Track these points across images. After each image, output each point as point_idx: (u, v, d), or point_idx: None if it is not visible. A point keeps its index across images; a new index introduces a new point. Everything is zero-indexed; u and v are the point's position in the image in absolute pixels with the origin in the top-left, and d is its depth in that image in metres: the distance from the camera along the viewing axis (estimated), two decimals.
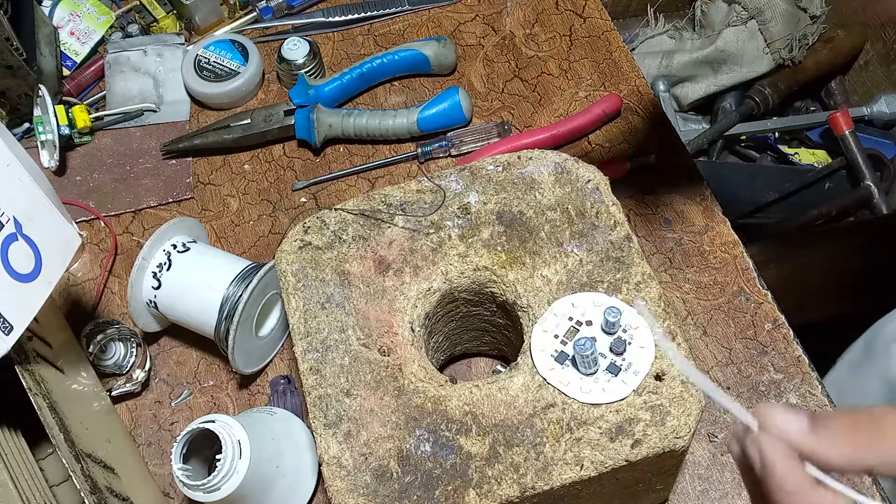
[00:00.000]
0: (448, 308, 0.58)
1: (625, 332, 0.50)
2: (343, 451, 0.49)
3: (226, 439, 0.54)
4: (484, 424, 0.49)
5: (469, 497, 0.47)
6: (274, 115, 0.80)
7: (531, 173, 0.58)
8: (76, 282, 0.75)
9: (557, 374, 0.50)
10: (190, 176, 0.80)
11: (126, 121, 0.84)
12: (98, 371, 0.67)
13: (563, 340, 0.51)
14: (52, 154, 0.79)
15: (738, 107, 1.24)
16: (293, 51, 0.83)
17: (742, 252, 0.72)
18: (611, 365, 0.50)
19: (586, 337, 0.50)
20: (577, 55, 0.85)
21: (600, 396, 0.49)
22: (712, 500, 0.61)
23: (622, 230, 0.55)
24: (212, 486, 0.53)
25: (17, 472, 0.53)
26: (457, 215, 0.57)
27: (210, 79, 0.82)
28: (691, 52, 1.26)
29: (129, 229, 0.78)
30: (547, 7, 0.89)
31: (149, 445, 0.67)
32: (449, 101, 0.78)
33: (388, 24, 0.89)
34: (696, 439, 0.63)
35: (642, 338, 0.50)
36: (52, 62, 0.83)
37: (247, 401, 0.68)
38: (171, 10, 0.89)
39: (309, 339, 0.53)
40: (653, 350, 0.50)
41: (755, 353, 0.67)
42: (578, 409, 0.49)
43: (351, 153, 0.81)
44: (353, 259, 0.56)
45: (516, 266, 0.55)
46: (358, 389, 0.51)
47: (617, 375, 0.49)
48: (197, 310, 0.64)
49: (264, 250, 0.76)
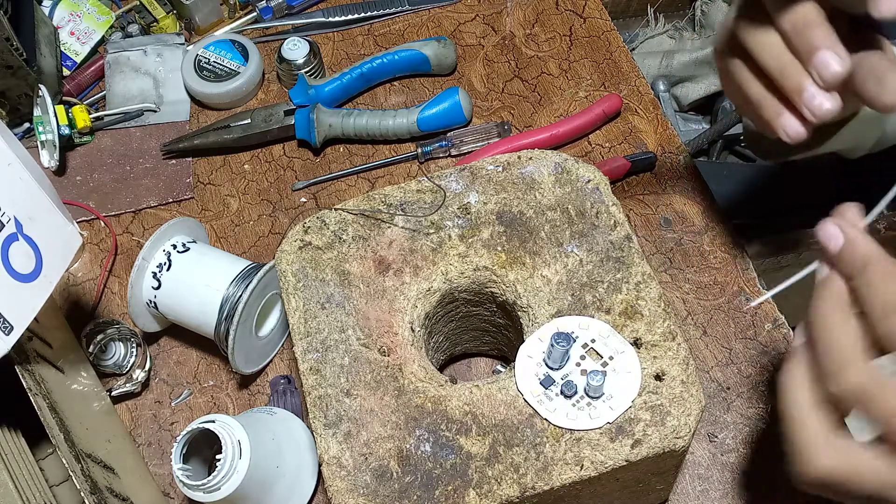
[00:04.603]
0: (448, 308, 0.58)
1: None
2: (343, 451, 0.49)
3: (226, 439, 0.54)
4: (484, 424, 0.49)
5: (469, 497, 0.47)
6: (274, 115, 0.80)
7: (531, 173, 0.58)
8: (76, 282, 0.75)
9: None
10: (190, 176, 0.80)
11: (126, 121, 0.84)
12: (98, 371, 0.67)
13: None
14: (52, 154, 0.79)
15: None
16: (293, 51, 0.83)
17: (742, 252, 0.72)
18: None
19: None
20: (577, 55, 0.85)
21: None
22: (712, 500, 0.61)
23: (622, 230, 0.55)
24: (212, 486, 0.53)
25: (17, 472, 0.53)
26: (457, 215, 0.57)
27: (210, 79, 0.82)
28: (691, 52, 1.26)
29: (129, 229, 0.78)
30: (547, 7, 0.89)
31: (149, 445, 0.67)
32: (449, 101, 0.78)
33: (388, 24, 0.89)
34: (696, 439, 0.63)
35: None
36: (52, 62, 0.83)
37: (247, 401, 0.68)
38: (171, 10, 0.89)
39: (309, 339, 0.53)
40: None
41: (755, 353, 0.67)
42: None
43: (351, 153, 0.81)
44: (353, 259, 0.56)
45: (516, 266, 0.55)
46: (358, 389, 0.51)
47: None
48: (197, 310, 0.64)
49: (264, 250, 0.76)
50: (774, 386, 0.65)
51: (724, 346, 0.68)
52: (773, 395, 0.65)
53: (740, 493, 0.61)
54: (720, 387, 0.66)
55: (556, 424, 0.49)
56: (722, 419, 0.64)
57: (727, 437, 0.63)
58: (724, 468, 0.62)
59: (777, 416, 0.64)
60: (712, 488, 0.62)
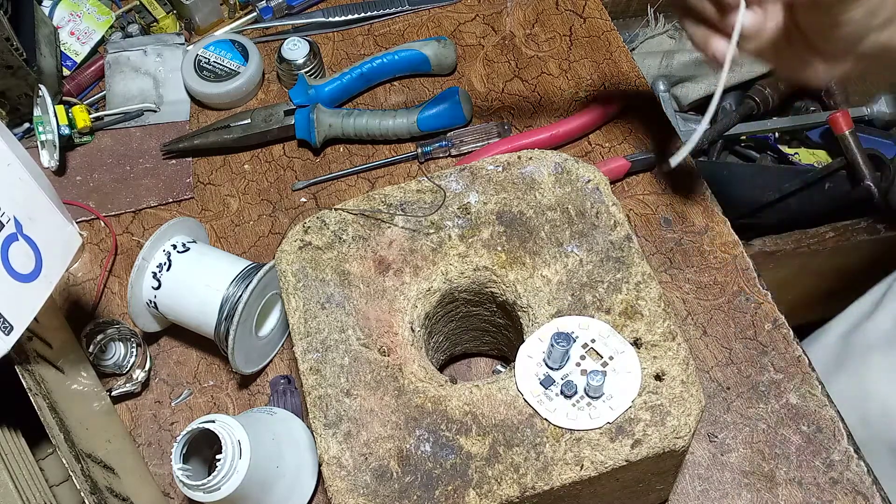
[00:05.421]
0: (448, 308, 0.58)
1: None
2: (343, 451, 0.49)
3: (226, 439, 0.54)
4: (484, 424, 0.49)
5: (469, 497, 0.47)
6: (274, 115, 0.80)
7: (531, 173, 0.58)
8: (76, 282, 0.75)
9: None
10: (190, 176, 0.80)
11: (126, 121, 0.84)
12: (98, 371, 0.67)
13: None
14: (52, 154, 0.79)
15: (738, 107, 1.24)
16: (293, 51, 0.83)
17: (742, 252, 0.72)
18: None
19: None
20: (577, 55, 0.85)
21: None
22: (712, 500, 0.61)
23: (622, 230, 0.55)
24: (212, 486, 0.53)
25: (17, 472, 0.53)
26: (457, 215, 0.57)
27: (210, 79, 0.82)
28: (691, 52, 1.26)
29: (129, 229, 0.78)
30: (547, 7, 0.89)
31: (149, 445, 0.67)
32: (449, 101, 0.78)
33: (388, 24, 0.89)
34: (696, 439, 0.63)
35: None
36: (52, 62, 0.83)
37: (247, 401, 0.68)
38: (171, 10, 0.89)
39: (309, 339, 0.53)
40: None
41: (755, 353, 0.67)
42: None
43: (351, 153, 0.81)
44: (353, 259, 0.56)
45: (516, 266, 0.55)
46: (358, 389, 0.51)
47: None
48: (197, 310, 0.64)
49: (264, 250, 0.76)
50: (774, 386, 0.65)
51: (724, 346, 0.68)
52: (773, 395, 0.65)
53: (740, 493, 0.61)
54: (720, 387, 0.66)
55: (556, 424, 0.49)
56: (722, 419, 0.64)
57: (727, 437, 0.63)
58: (724, 468, 0.62)
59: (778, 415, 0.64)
60: (712, 488, 0.62)
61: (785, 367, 0.66)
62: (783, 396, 0.65)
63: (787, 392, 0.65)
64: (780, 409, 0.64)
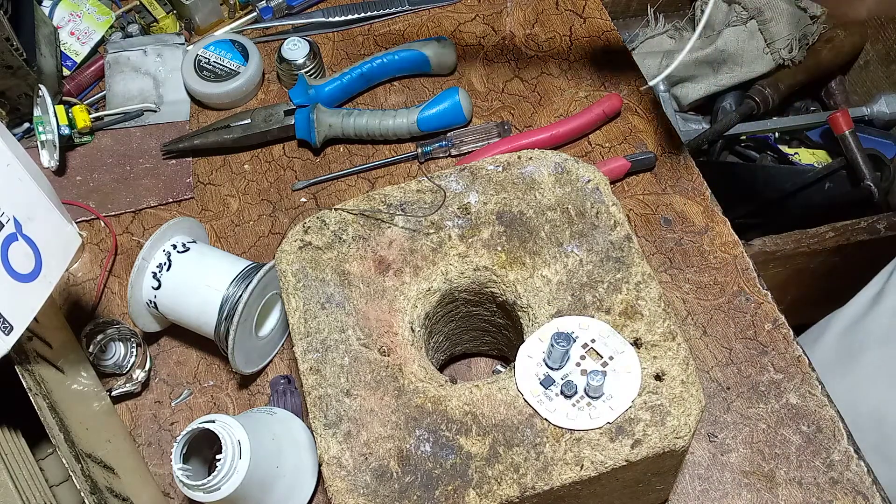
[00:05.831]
0: (448, 308, 0.58)
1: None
2: (343, 451, 0.49)
3: (226, 439, 0.54)
4: (484, 424, 0.49)
5: (469, 497, 0.47)
6: (274, 115, 0.80)
7: (531, 173, 0.58)
8: (76, 282, 0.75)
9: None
10: (190, 176, 0.80)
11: (126, 121, 0.84)
12: (98, 371, 0.67)
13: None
14: (52, 154, 0.79)
15: (738, 107, 1.24)
16: (293, 51, 0.83)
17: (742, 252, 0.72)
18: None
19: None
20: (577, 55, 0.85)
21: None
22: (712, 500, 0.61)
23: (622, 230, 0.55)
24: (212, 486, 0.53)
25: (17, 472, 0.53)
26: (457, 215, 0.57)
27: (210, 79, 0.82)
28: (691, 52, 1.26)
29: (129, 229, 0.78)
30: (547, 7, 0.89)
31: (149, 445, 0.67)
32: (449, 101, 0.78)
33: (388, 24, 0.89)
34: (696, 439, 0.63)
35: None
36: (52, 62, 0.83)
37: (247, 401, 0.68)
38: (171, 10, 0.89)
39: (309, 339, 0.53)
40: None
41: (755, 353, 0.67)
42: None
43: (351, 153, 0.81)
44: (353, 259, 0.56)
45: (516, 266, 0.55)
46: (358, 389, 0.51)
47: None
48: (197, 310, 0.64)
49: (264, 250, 0.76)
50: (774, 386, 0.65)
51: (724, 346, 0.68)
52: (773, 395, 0.65)
53: (740, 493, 0.61)
54: (720, 387, 0.66)
55: (556, 424, 0.49)
56: (722, 419, 0.64)
57: (727, 437, 0.63)
58: (724, 468, 0.62)
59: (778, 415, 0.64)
60: (712, 488, 0.62)
61: (785, 367, 0.66)
62: (783, 396, 0.65)
63: (787, 392, 0.65)
64: (780, 409, 0.64)
